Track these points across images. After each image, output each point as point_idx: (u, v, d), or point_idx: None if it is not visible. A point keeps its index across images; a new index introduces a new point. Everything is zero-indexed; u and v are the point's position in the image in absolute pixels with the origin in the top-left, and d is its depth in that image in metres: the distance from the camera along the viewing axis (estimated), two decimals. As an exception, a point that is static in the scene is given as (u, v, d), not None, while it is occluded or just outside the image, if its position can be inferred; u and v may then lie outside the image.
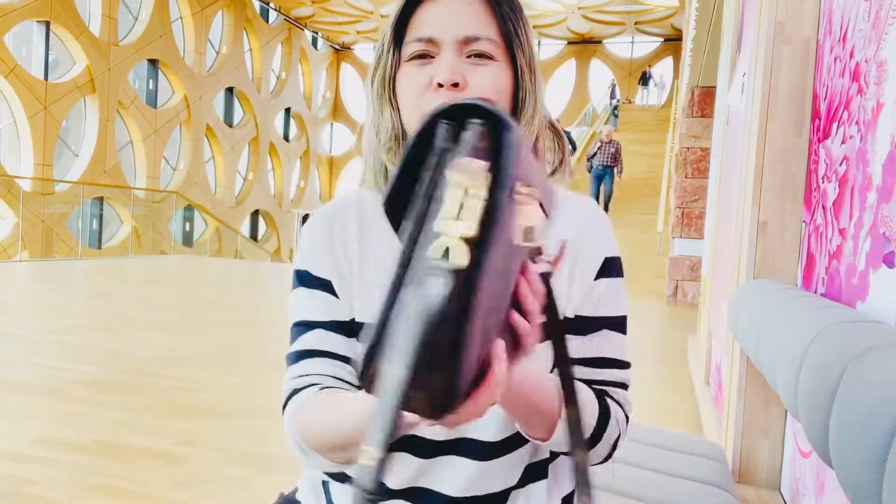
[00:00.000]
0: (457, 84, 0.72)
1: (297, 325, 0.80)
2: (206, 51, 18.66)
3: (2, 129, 14.03)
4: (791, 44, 1.66)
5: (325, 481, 0.84)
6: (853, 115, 1.24)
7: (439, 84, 0.72)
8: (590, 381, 0.79)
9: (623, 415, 0.79)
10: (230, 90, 20.00)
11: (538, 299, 0.50)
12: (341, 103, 26.54)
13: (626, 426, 0.79)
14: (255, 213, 21.79)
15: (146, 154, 16.73)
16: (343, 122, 26.44)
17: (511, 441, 0.78)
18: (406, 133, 0.77)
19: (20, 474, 2.27)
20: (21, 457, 2.43)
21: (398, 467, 0.76)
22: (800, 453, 1.57)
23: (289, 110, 23.30)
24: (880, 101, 1.08)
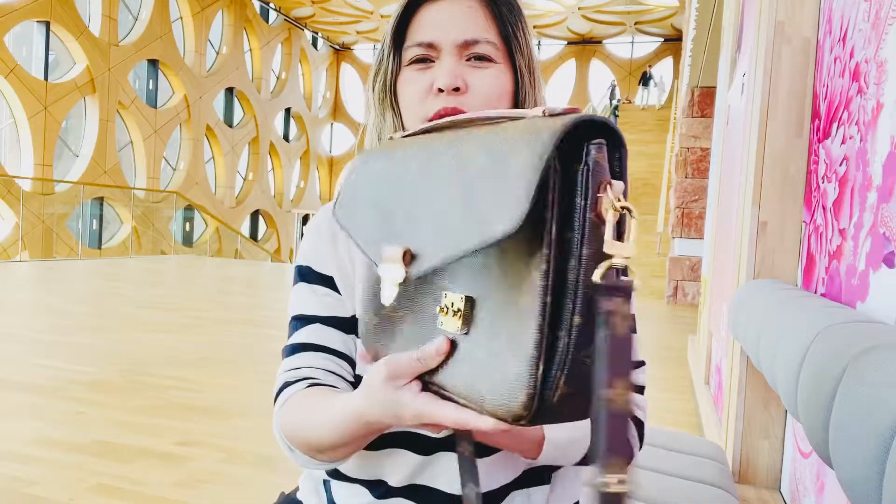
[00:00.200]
0: (458, 88, 0.72)
1: (296, 318, 0.80)
2: (206, 51, 18.67)
3: (2, 130, 14.03)
4: (791, 44, 1.66)
5: (327, 480, 0.84)
6: (853, 115, 1.24)
7: (439, 89, 0.72)
8: None
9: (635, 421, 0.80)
10: (230, 90, 20.01)
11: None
12: (341, 103, 26.54)
13: (634, 430, 0.80)
14: (255, 213, 21.80)
15: (146, 154, 16.74)
16: (343, 122, 26.44)
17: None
18: None
19: (20, 474, 2.28)
20: (21, 457, 2.43)
21: (398, 465, 0.76)
22: (800, 453, 1.57)
23: (289, 110, 23.30)
24: (880, 102, 1.08)
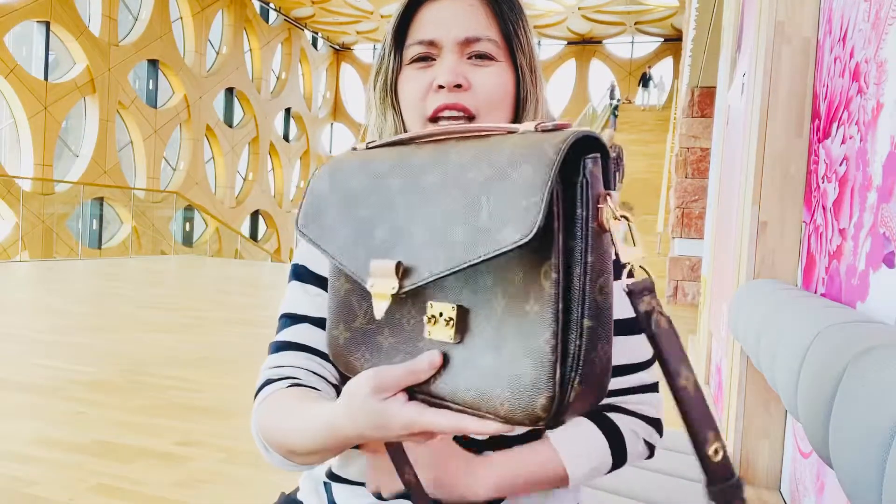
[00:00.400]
0: (459, 85, 0.72)
1: (285, 316, 0.79)
2: (206, 51, 18.67)
3: (2, 130, 14.03)
4: (791, 44, 1.66)
5: (327, 482, 0.84)
6: (853, 115, 1.24)
7: (440, 86, 0.72)
8: (610, 392, 0.80)
9: (642, 422, 0.80)
10: (230, 90, 20.01)
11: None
12: (341, 103, 26.54)
13: (651, 429, 0.81)
14: (255, 214, 21.80)
15: (146, 154, 16.74)
16: (343, 122, 26.44)
17: (513, 438, 0.77)
18: None
19: (20, 474, 2.27)
20: (21, 457, 2.43)
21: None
22: (800, 453, 1.57)
23: (289, 110, 23.30)
24: (880, 102, 1.08)
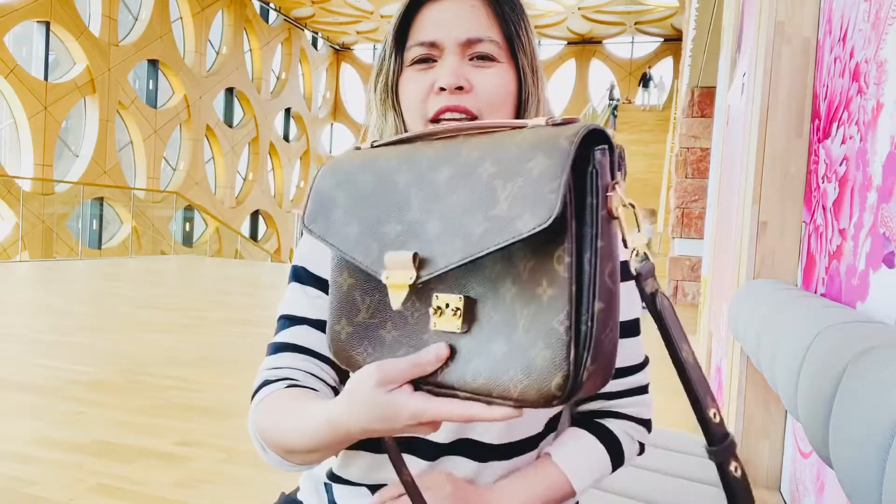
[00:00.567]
0: (461, 87, 0.71)
1: (284, 317, 0.80)
2: (206, 51, 18.66)
3: (2, 130, 14.02)
4: (791, 44, 1.66)
5: (327, 483, 0.84)
6: (853, 115, 1.24)
7: (441, 88, 0.72)
8: (603, 395, 0.82)
9: (636, 424, 0.84)
10: (230, 90, 20.00)
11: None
12: (341, 103, 26.54)
13: (643, 429, 0.86)
14: (255, 214, 21.80)
15: (146, 154, 16.73)
16: (343, 122, 26.44)
17: (513, 446, 0.78)
18: None
19: (20, 474, 2.27)
20: (21, 457, 2.43)
21: None
22: (800, 453, 1.57)
23: (289, 110, 23.30)
24: (880, 102, 1.08)
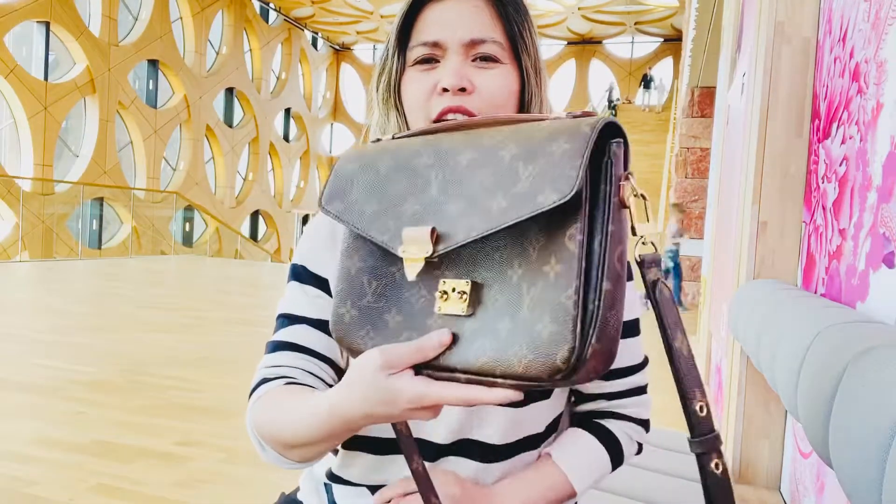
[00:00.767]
0: (464, 89, 0.71)
1: (283, 316, 0.79)
2: (206, 51, 18.66)
3: (2, 130, 14.02)
4: (791, 44, 1.66)
5: (328, 483, 0.84)
6: (853, 115, 1.24)
7: (444, 89, 0.71)
8: (603, 395, 0.83)
9: (634, 424, 0.84)
10: (230, 90, 20.00)
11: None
12: (341, 103, 26.54)
13: (641, 429, 0.85)
14: (255, 214, 21.79)
15: (146, 154, 16.73)
16: (343, 122, 26.44)
17: (514, 446, 0.78)
18: None
19: (20, 474, 2.28)
20: (21, 457, 2.43)
21: (405, 470, 0.75)
22: (800, 453, 1.57)
23: (289, 110, 23.30)
24: (880, 102, 1.08)
